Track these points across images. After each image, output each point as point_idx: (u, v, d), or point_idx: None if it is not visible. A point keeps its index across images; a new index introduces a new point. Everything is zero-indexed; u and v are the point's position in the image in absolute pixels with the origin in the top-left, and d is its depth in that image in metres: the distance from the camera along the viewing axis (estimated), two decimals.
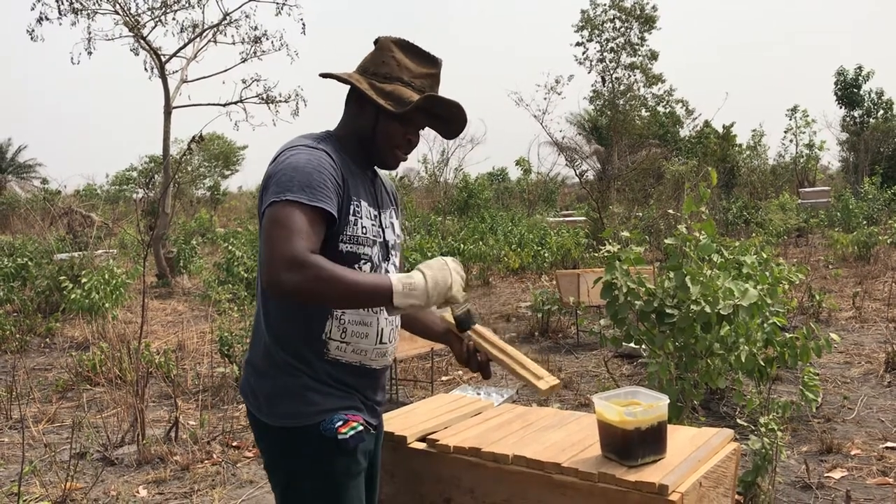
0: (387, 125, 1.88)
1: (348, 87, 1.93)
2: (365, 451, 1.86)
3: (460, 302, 1.83)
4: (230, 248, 10.83)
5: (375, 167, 1.99)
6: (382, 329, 1.91)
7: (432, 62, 1.95)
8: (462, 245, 13.79)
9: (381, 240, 1.93)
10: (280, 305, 1.83)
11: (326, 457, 1.80)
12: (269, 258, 1.61)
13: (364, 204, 1.87)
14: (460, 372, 6.53)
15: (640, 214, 16.04)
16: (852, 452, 4.33)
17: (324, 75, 1.96)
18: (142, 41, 13.80)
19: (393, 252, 1.99)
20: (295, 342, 1.83)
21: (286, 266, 1.59)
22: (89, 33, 13.97)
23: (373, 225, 1.89)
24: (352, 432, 1.80)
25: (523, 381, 1.98)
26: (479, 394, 5.36)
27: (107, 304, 8.91)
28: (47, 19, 13.61)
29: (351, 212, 1.82)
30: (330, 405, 1.81)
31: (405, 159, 1.99)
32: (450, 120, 1.96)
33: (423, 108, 1.89)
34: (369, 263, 1.86)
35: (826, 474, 4.03)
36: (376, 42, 1.95)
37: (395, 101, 1.86)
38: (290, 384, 1.81)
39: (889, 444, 4.44)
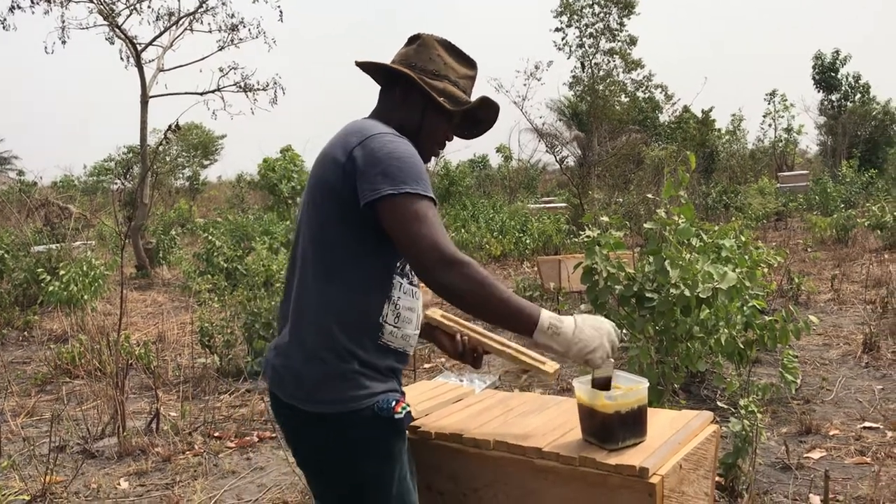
0: (434, 121, 1.92)
1: (395, 77, 1.91)
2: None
3: (599, 367, 1.83)
4: (210, 238, 10.75)
5: None
6: (419, 315, 1.93)
7: (473, 65, 1.99)
8: None
9: None
10: (347, 289, 1.78)
11: (384, 437, 1.78)
12: (426, 258, 1.66)
13: None
14: (443, 359, 6.53)
15: (621, 200, 16.09)
16: (831, 433, 4.38)
17: (362, 64, 1.95)
18: (117, 30, 13.63)
19: None
20: (356, 326, 1.78)
21: (449, 266, 1.64)
22: (63, 22, 13.79)
23: None
24: (403, 412, 1.80)
25: (527, 368, 2.01)
26: (461, 381, 5.37)
27: (85, 296, 8.83)
28: (20, 8, 13.39)
29: None
30: (379, 388, 1.79)
31: (438, 155, 2.02)
32: (482, 123, 2.02)
33: (470, 109, 1.93)
34: None
35: (805, 455, 4.07)
36: (417, 39, 1.96)
37: (450, 98, 1.90)
38: (343, 369, 1.76)
39: (867, 424, 4.49)
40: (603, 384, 1.90)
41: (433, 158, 2.07)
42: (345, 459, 1.78)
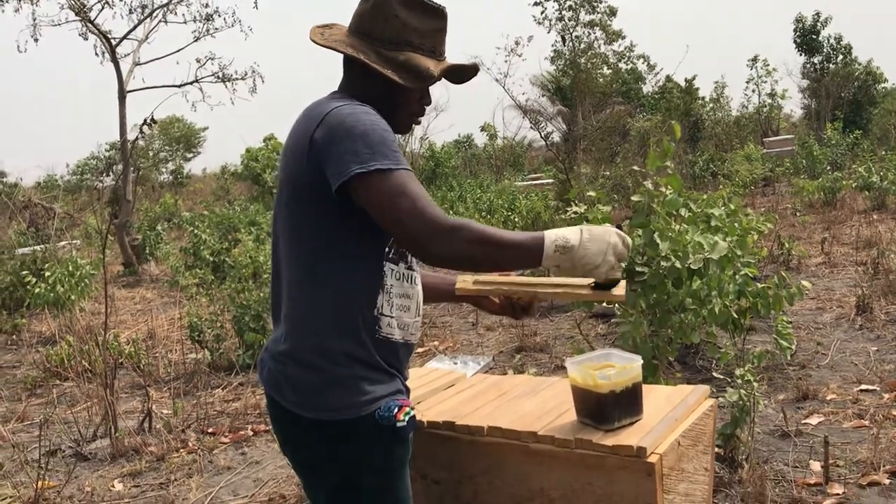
0: (400, 95, 1.76)
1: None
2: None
3: (603, 280, 1.70)
4: (196, 231, 10.65)
5: None
6: (419, 302, 1.82)
7: (439, 15, 1.78)
8: None
9: None
10: (336, 289, 1.68)
11: (385, 446, 1.70)
12: (415, 233, 1.54)
13: None
14: (436, 342, 6.49)
15: (608, 173, 16.03)
16: (828, 397, 4.36)
17: (318, 43, 1.76)
18: (90, 25, 13.41)
19: None
20: (352, 325, 1.69)
21: (442, 235, 1.54)
22: (34, 19, 13.57)
23: None
24: (407, 418, 1.70)
25: (592, 301, 1.90)
26: (455, 363, 5.34)
27: (73, 297, 8.73)
28: None
29: None
30: (381, 392, 1.70)
31: (419, 122, 1.89)
32: (463, 74, 1.85)
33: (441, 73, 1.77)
34: None
35: (804, 421, 4.05)
36: None
37: (411, 73, 1.72)
38: (343, 375, 1.68)
39: (863, 386, 4.48)
40: (607, 286, 1.75)
41: (414, 126, 1.92)
42: (343, 467, 1.71)
